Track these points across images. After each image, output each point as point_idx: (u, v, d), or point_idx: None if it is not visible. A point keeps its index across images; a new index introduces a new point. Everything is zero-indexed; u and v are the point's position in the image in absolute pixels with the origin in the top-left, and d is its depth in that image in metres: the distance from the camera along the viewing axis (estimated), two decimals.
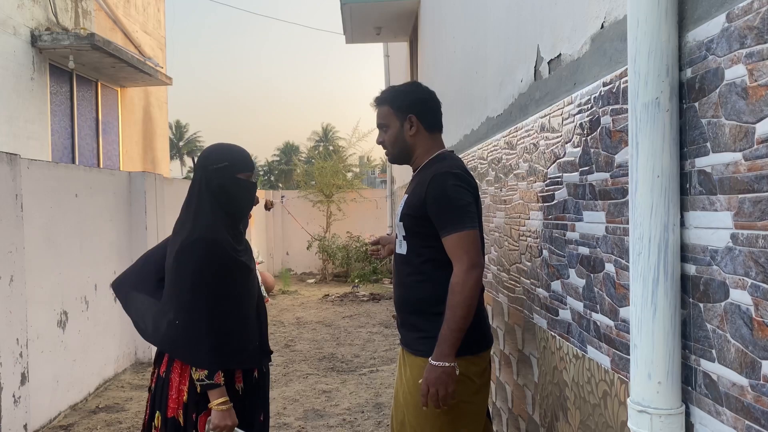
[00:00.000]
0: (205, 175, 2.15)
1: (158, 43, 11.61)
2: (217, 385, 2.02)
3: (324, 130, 57.58)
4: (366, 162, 17.99)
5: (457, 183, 1.94)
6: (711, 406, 1.08)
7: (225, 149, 2.24)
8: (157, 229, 6.04)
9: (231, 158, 2.19)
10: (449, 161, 2.05)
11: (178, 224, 2.18)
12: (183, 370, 2.08)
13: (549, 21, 1.95)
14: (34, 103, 7.62)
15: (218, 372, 2.02)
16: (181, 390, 2.08)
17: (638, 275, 1.18)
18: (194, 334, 2.03)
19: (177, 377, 2.08)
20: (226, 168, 2.15)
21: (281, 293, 10.28)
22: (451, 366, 1.85)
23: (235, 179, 2.17)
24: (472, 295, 1.85)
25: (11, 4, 7.23)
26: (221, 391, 2.04)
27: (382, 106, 2.16)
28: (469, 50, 3.44)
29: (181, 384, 2.08)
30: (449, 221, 1.89)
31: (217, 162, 2.16)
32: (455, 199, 1.91)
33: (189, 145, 56.43)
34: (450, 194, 1.91)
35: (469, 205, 1.93)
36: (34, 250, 4.09)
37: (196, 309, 2.04)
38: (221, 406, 2.03)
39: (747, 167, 0.97)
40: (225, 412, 2.03)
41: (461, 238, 1.86)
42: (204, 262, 2.06)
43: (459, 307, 1.84)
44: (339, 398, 4.70)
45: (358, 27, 7.34)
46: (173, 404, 2.08)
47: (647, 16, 1.14)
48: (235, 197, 2.19)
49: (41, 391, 4.12)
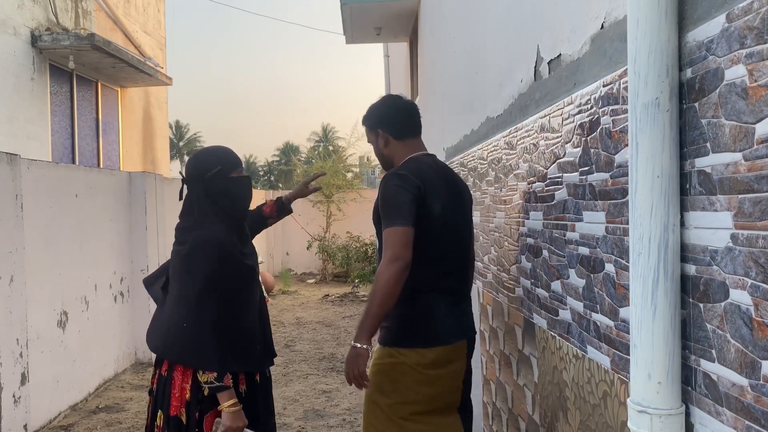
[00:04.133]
0: (203, 185, 2.17)
1: (158, 44, 11.62)
2: (226, 387, 2.02)
3: (324, 130, 57.54)
4: (366, 162, 18.00)
5: (397, 183, 2.09)
6: (711, 406, 1.08)
7: (212, 154, 2.26)
8: (157, 230, 6.04)
9: (221, 161, 2.22)
10: (408, 164, 2.22)
11: (181, 232, 2.18)
12: (186, 369, 2.08)
13: (549, 21, 1.95)
14: (34, 103, 7.62)
15: (227, 374, 2.03)
16: (183, 388, 2.08)
17: (638, 275, 1.18)
18: (202, 337, 2.03)
19: (180, 375, 2.09)
20: (220, 172, 2.18)
21: (281, 293, 10.27)
22: (363, 348, 2.04)
23: (231, 180, 2.20)
24: (389, 285, 2.00)
25: (11, 5, 7.23)
26: (231, 393, 2.04)
27: (363, 126, 2.42)
28: (468, 50, 3.44)
29: (183, 382, 2.08)
30: (384, 218, 2.08)
31: (210, 168, 2.18)
32: (390, 197, 2.08)
33: (189, 145, 56.39)
34: (387, 193, 2.09)
35: (404, 203, 2.06)
36: (34, 250, 4.09)
37: (205, 312, 2.04)
38: (232, 408, 2.03)
39: (747, 167, 0.97)
40: (236, 413, 2.04)
41: (388, 234, 2.03)
42: (213, 264, 2.07)
43: (376, 295, 2.02)
44: (339, 398, 4.70)
45: (358, 27, 7.33)
46: (176, 402, 2.09)
47: (647, 17, 1.14)
48: (237, 196, 2.22)
49: (41, 391, 4.12)
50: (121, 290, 5.56)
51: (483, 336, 3.09)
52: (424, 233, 2.10)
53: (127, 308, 5.62)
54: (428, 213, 2.11)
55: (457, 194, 2.29)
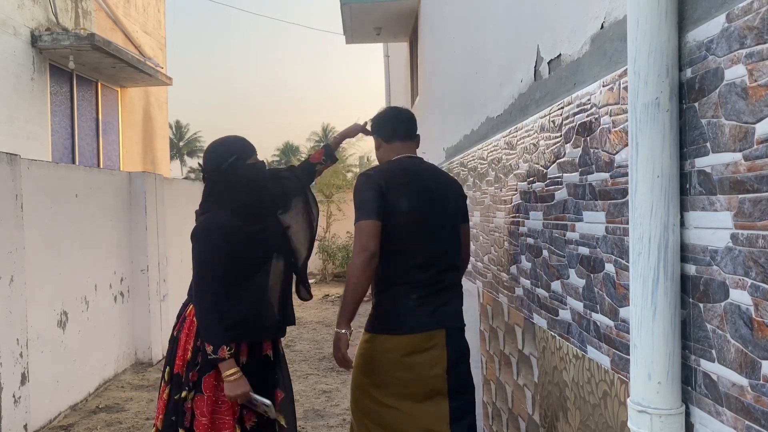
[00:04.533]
0: (220, 175, 2.28)
1: (158, 44, 11.61)
2: (222, 359, 2.15)
3: (324, 130, 57.54)
4: (366, 162, 17.99)
5: (362, 182, 2.28)
6: (711, 406, 1.08)
7: (228, 143, 2.37)
8: (157, 229, 6.04)
9: (237, 150, 2.34)
10: (382, 165, 2.42)
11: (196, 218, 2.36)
12: (189, 331, 2.27)
13: (549, 21, 1.95)
14: (34, 103, 7.62)
15: (222, 347, 2.15)
16: (186, 349, 2.26)
17: (638, 275, 1.18)
18: (201, 314, 2.20)
19: (184, 336, 2.28)
20: (237, 161, 2.30)
21: None
22: (342, 332, 2.24)
23: (248, 167, 2.32)
24: (357, 274, 2.18)
25: (11, 5, 7.23)
26: (230, 363, 2.16)
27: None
28: (469, 50, 3.44)
29: (186, 344, 2.27)
30: (355, 215, 2.26)
31: (226, 158, 2.29)
32: (355, 196, 2.28)
33: (189, 145, 56.40)
34: (354, 193, 2.29)
35: (367, 200, 2.24)
36: (34, 250, 4.09)
37: (201, 289, 2.20)
38: (231, 377, 2.16)
39: (747, 167, 0.97)
40: (234, 382, 2.16)
41: (356, 229, 2.23)
42: (209, 248, 2.22)
43: (348, 284, 2.21)
44: (339, 398, 4.70)
45: (358, 27, 7.33)
46: (179, 361, 2.27)
47: (647, 16, 1.14)
48: (254, 181, 2.33)
49: (41, 391, 4.12)
50: (121, 290, 5.56)
51: (483, 336, 3.09)
52: (393, 229, 2.23)
53: (127, 308, 5.62)
54: (393, 210, 2.23)
55: (430, 192, 2.34)
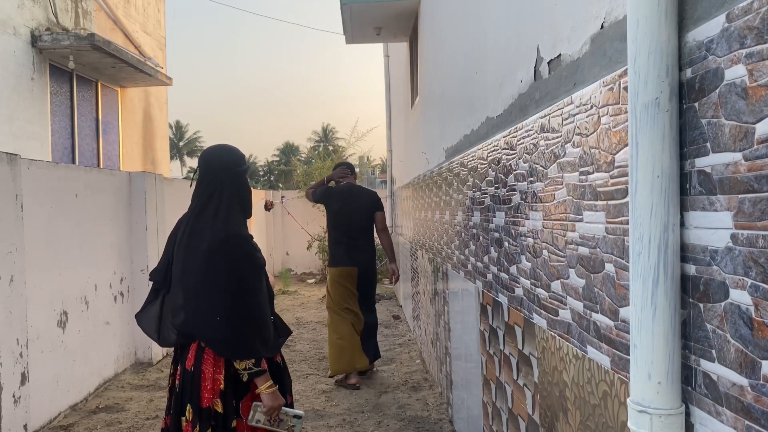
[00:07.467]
0: (230, 178, 2.26)
1: (158, 44, 11.61)
2: (264, 371, 2.16)
3: (324, 130, 57.56)
4: (366, 162, 17.99)
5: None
6: (711, 406, 1.08)
7: (238, 152, 2.39)
8: (157, 230, 6.04)
9: (244, 161, 2.38)
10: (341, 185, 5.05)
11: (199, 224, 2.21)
12: (216, 360, 2.18)
13: (549, 21, 1.95)
14: (34, 103, 7.62)
15: (263, 359, 2.17)
16: (216, 380, 2.17)
17: (638, 275, 1.18)
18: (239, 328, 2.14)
19: (210, 368, 2.17)
20: (245, 171, 2.33)
21: (281, 293, 10.27)
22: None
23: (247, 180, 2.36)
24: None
25: (11, 4, 7.23)
26: (267, 375, 2.18)
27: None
28: (468, 50, 3.44)
29: (216, 374, 2.17)
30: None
31: (239, 164, 2.31)
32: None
33: (189, 145, 56.40)
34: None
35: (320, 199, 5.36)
36: (34, 250, 4.09)
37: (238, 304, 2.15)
38: (269, 389, 2.18)
39: (747, 167, 0.97)
40: (274, 393, 2.19)
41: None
42: (240, 257, 2.18)
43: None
44: (339, 398, 4.70)
45: (358, 27, 7.33)
46: (208, 394, 2.16)
47: (647, 16, 1.14)
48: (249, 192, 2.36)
49: (41, 391, 4.12)
50: (121, 290, 5.56)
51: (483, 336, 3.09)
52: (330, 216, 5.24)
53: (127, 308, 5.62)
54: (329, 208, 5.23)
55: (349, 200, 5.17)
